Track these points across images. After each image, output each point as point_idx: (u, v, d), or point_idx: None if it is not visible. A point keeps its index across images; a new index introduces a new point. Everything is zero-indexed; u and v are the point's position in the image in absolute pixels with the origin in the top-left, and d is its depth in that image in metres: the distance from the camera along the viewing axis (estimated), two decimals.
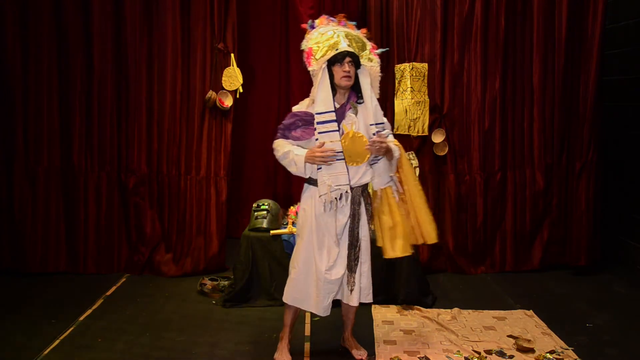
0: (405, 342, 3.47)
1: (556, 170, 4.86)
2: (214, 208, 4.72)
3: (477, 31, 4.70)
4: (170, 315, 3.88)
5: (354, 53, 2.97)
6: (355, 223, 3.05)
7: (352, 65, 2.97)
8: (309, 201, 3.06)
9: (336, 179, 2.95)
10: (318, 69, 2.97)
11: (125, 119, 4.71)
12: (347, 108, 3.02)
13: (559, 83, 4.78)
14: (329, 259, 3.04)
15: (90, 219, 4.70)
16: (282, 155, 3.02)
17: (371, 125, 3.03)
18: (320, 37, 3.01)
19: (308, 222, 3.05)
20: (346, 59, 2.94)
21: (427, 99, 4.65)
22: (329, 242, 3.04)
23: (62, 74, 4.62)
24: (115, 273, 4.71)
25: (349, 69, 2.94)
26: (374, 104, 3.06)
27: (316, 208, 3.03)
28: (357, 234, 3.06)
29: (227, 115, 4.71)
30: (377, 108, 3.09)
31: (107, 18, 4.60)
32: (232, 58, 4.65)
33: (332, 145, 2.93)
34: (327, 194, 2.95)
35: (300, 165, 2.96)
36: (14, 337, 3.48)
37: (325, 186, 2.95)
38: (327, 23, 3.09)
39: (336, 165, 2.94)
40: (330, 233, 3.03)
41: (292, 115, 3.04)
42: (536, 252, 4.88)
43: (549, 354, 3.31)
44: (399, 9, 4.69)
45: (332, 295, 3.08)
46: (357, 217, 3.04)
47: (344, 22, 3.11)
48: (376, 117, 3.06)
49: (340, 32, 3.02)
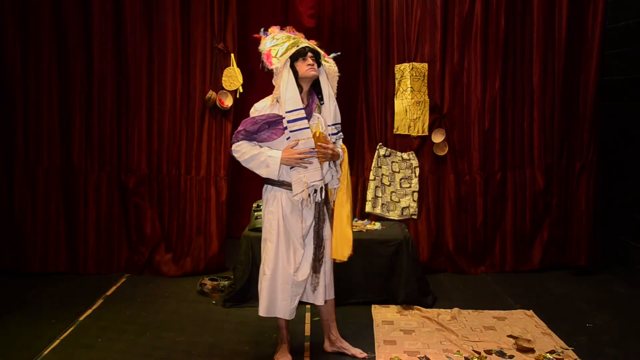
0: (405, 342, 3.47)
1: (556, 170, 4.86)
2: (214, 208, 4.72)
3: (477, 31, 4.70)
4: (170, 315, 3.88)
5: (315, 49, 3.06)
6: (321, 224, 3.07)
7: (314, 60, 3.02)
8: (274, 203, 3.05)
9: (311, 176, 2.96)
10: (281, 67, 3.00)
11: (125, 119, 4.71)
12: (313, 107, 3.06)
13: (559, 83, 4.78)
14: (295, 260, 3.04)
15: (90, 219, 4.70)
16: (249, 158, 3.01)
17: (329, 125, 3.09)
18: (278, 38, 3.08)
19: (275, 225, 3.04)
20: (309, 53, 3.01)
21: (427, 99, 4.66)
22: (294, 244, 3.05)
23: (62, 74, 4.62)
24: (115, 273, 4.71)
25: (312, 63, 3.00)
26: (333, 104, 3.12)
27: (283, 210, 3.02)
28: (322, 235, 3.08)
29: (227, 115, 4.71)
30: (336, 108, 3.15)
31: (107, 18, 4.61)
32: (232, 58, 4.65)
33: (305, 142, 2.94)
34: (304, 191, 2.95)
35: (274, 167, 2.95)
36: (14, 337, 3.48)
37: (301, 184, 2.95)
38: (279, 31, 3.16)
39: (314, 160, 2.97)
40: (296, 235, 3.04)
41: (255, 121, 3.00)
42: (536, 252, 4.88)
43: (549, 354, 3.31)
44: (399, 9, 4.69)
45: (298, 297, 3.09)
46: (322, 218, 3.07)
47: (294, 32, 3.18)
48: (335, 117, 3.13)
49: (295, 36, 3.11)
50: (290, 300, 3.07)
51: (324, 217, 3.09)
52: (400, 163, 4.77)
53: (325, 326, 3.35)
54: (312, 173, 2.97)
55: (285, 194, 3.03)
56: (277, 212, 3.03)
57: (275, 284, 3.06)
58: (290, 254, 3.05)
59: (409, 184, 4.76)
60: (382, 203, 4.79)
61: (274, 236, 3.04)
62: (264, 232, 3.12)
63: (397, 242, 4.08)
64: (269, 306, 3.08)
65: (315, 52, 3.05)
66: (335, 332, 3.34)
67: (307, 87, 3.07)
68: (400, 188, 4.78)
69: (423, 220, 4.80)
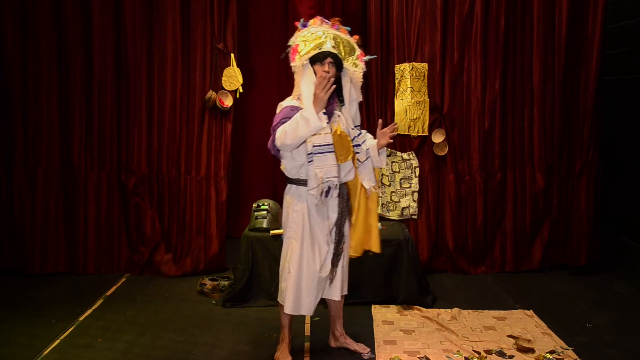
0: (405, 342, 3.47)
1: (556, 170, 4.86)
2: (214, 208, 4.71)
3: (477, 31, 4.70)
4: (170, 315, 3.88)
5: (336, 55, 3.01)
6: (343, 220, 3.10)
7: (332, 66, 2.99)
8: (299, 201, 3.06)
9: (327, 172, 2.97)
10: (299, 65, 3.02)
11: (125, 119, 4.71)
12: (334, 107, 3.06)
13: (559, 83, 4.78)
14: (320, 257, 3.07)
15: (90, 219, 4.70)
16: (289, 129, 2.87)
17: (352, 128, 3.12)
18: (310, 35, 3.04)
19: (300, 224, 3.05)
20: (327, 59, 2.98)
21: (427, 99, 4.66)
22: (319, 241, 3.07)
23: (62, 74, 4.62)
24: (115, 273, 4.71)
25: (328, 69, 2.97)
26: (354, 107, 3.14)
27: (309, 208, 3.05)
28: (343, 231, 3.12)
29: (227, 115, 4.71)
30: (357, 112, 3.18)
31: (107, 18, 4.61)
32: (232, 58, 4.65)
33: (323, 138, 2.94)
34: (319, 187, 2.96)
35: (313, 116, 2.82)
36: (14, 337, 3.48)
37: (317, 179, 2.96)
38: (319, 24, 3.11)
39: (327, 158, 2.96)
40: (322, 232, 3.07)
41: (292, 109, 2.99)
42: (536, 252, 4.88)
43: (549, 354, 3.31)
44: (399, 9, 4.69)
45: (321, 293, 3.13)
46: (344, 214, 3.10)
47: (337, 26, 3.13)
48: (355, 120, 3.16)
49: (330, 34, 3.05)
50: (315, 297, 3.10)
51: (346, 213, 3.12)
52: (400, 163, 4.77)
53: (332, 322, 3.37)
54: (329, 169, 2.97)
55: None
56: (302, 211, 3.05)
57: (300, 282, 3.07)
58: (316, 251, 3.07)
59: (409, 184, 4.77)
60: (382, 203, 4.79)
61: (299, 234, 3.05)
62: (287, 231, 3.12)
63: (397, 242, 4.08)
64: (295, 304, 3.09)
65: (335, 58, 3.00)
66: (340, 328, 3.38)
67: None
68: (400, 188, 4.78)
69: (423, 220, 4.80)
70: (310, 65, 3.01)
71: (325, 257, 3.09)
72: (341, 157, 3.03)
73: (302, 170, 3.04)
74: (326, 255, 3.09)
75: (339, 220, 3.09)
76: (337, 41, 3.05)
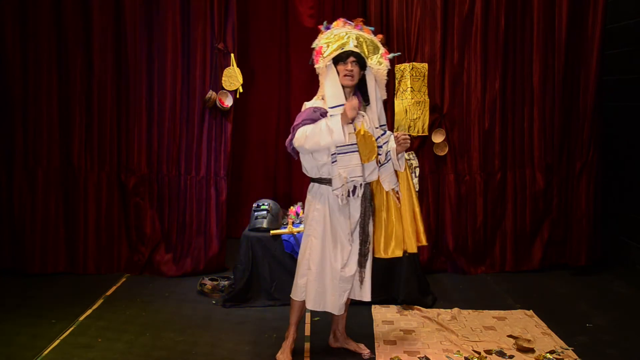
0: (405, 342, 3.47)
1: (556, 170, 4.86)
2: (214, 208, 4.71)
3: (477, 31, 4.70)
4: (170, 315, 3.88)
5: (359, 53, 3.00)
6: (366, 219, 3.09)
7: (355, 65, 3.00)
8: (321, 200, 3.08)
9: (351, 171, 2.98)
10: (323, 67, 3.02)
11: (125, 119, 4.71)
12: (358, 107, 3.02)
13: (559, 83, 4.78)
14: (342, 256, 3.07)
15: (90, 219, 4.70)
16: (311, 133, 2.91)
17: (376, 127, 3.10)
18: (332, 37, 3.05)
19: (322, 222, 3.06)
20: (350, 58, 2.99)
21: (427, 99, 4.65)
22: (342, 240, 3.07)
23: (62, 74, 4.62)
24: (115, 273, 4.71)
25: (351, 68, 2.99)
26: (379, 106, 3.13)
27: (330, 207, 3.05)
28: (367, 230, 3.10)
29: (227, 115, 4.71)
30: (382, 111, 3.16)
31: (107, 18, 4.60)
32: (232, 58, 4.65)
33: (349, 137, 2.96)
34: (343, 186, 2.97)
35: (338, 127, 2.87)
36: (14, 337, 3.48)
37: (341, 179, 2.97)
38: (342, 25, 3.11)
39: (351, 157, 2.97)
40: (344, 231, 3.07)
41: (314, 110, 3.00)
42: (536, 252, 4.88)
43: (549, 354, 3.31)
44: (399, 9, 4.69)
45: (346, 293, 3.12)
46: (367, 214, 3.09)
47: (360, 26, 3.13)
48: (380, 119, 3.14)
49: (353, 34, 3.05)
50: (339, 295, 3.09)
51: (369, 213, 3.10)
52: None
53: (334, 321, 3.37)
54: (353, 169, 2.98)
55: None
56: (323, 209, 3.06)
57: (324, 280, 3.08)
58: (337, 250, 3.07)
59: None
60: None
61: (319, 233, 3.07)
62: (307, 229, 3.14)
63: None
64: (316, 299, 3.10)
65: (358, 57, 3.00)
66: (342, 328, 3.38)
67: (351, 88, 3.06)
68: None
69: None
70: (334, 65, 3.02)
71: (349, 256, 3.08)
72: (365, 157, 3.02)
73: (324, 170, 3.05)
74: (349, 255, 3.09)
75: (362, 220, 3.09)
76: (360, 41, 3.04)
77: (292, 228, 4.09)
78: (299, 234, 4.05)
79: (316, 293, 3.10)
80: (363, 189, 3.06)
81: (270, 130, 5.60)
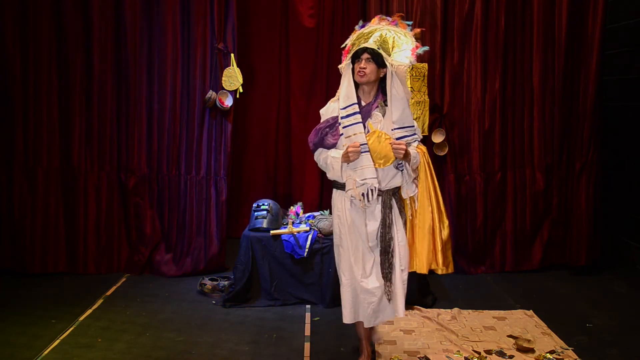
0: (405, 342, 3.47)
1: (556, 170, 4.86)
2: (214, 208, 4.71)
3: (477, 31, 4.70)
4: (170, 315, 3.88)
5: (373, 49, 2.88)
6: (386, 228, 2.92)
7: (370, 62, 2.87)
8: (339, 206, 2.99)
9: (362, 173, 2.85)
10: (345, 66, 2.96)
11: (125, 119, 4.71)
12: (373, 107, 2.93)
13: (559, 83, 4.78)
14: (364, 266, 2.94)
15: (90, 219, 4.70)
16: (322, 163, 2.98)
17: (394, 129, 2.89)
18: (360, 35, 2.99)
19: (345, 229, 2.96)
20: (364, 55, 2.88)
21: (427, 99, 4.65)
22: (363, 249, 2.95)
23: (62, 74, 4.62)
24: (115, 273, 4.71)
25: (364, 65, 2.86)
26: (397, 106, 2.89)
27: (347, 213, 2.95)
28: (388, 240, 2.93)
29: (227, 115, 4.71)
30: (405, 111, 2.91)
31: (107, 18, 4.61)
32: (232, 58, 4.65)
33: (356, 137, 2.86)
34: (354, 189, 2.86)
35: (337, 167, 2.88)
36: (14, 337, 3.48)
37: (351, 181, 2.87)
38: (377, 22, 3.02)
39: (362, 158, 2.84)
40: (363, 240, 2.94)
41: (317, 131, 2.97)
42: (536, 252, 4.88)
43: (549, 354, 3.31)
44: (399, 9, 4.69)
45: (372, 305, 2.94)
46: (387, 222, 2.91)
47: (396, 22, 3.00)
48: (401, 119, 2.90)
49: (380, 30, 2.95)
50: (366, 306, 2.94)
51: (389, 222, 2.92)
52: None
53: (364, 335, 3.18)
54: (363, 170, 2.85)
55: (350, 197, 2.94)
56: (342, 216, 2.97)
57: (356, 292, 2.97)
58: (359, 259, 2.95)
59: None
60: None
61: (344, 241, 2.98)
62: (335, 238, 3.07)
63: None
64: (352, 313, 2.99)
65: (374, 54, 2.87)
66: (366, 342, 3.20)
67: (370, 86, 2.94)
68: None
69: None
70: (352, 64, 2.93)
71: (372, 267, 2.94)
72: (379, 160, 2.87)
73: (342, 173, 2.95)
74: (373, 265, 2.94)
75: (381, 230, 2.92)
76: (386, 37, 2.93)
77: (292, 228, 4.08)
78: (299, 234, 4.05)
79: (352, 305, 2.97)
80: (383, 196, 2.90)
81: (270, 130, 5.60)
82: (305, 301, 4.08)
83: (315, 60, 5.43)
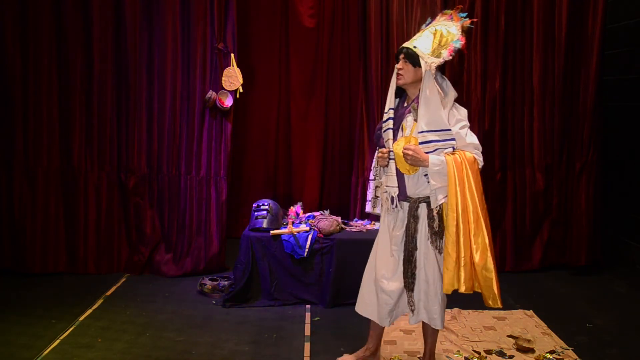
0: (405, 342, 3.47)
1: (556, 170, 4.86)
2: (214, 208, 4.71)
3: (477, 31, 4.70)
4: (170, 315, 3.88)
5: (408, 49, 2.79)
6: (409, 238, 2.84)
7: (406, 62, 2.80)
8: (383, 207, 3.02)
9: (386, 180, 2.90)
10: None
11: (125, 119, 4.71)
12: (407, 111, 2.86)
13: (559, 83, 4.78)
14: (386, 268, 2.93)
15: (90, 219, 4.70)
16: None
17: (421, 132, 2.73)
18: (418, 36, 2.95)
19: (381, 227, 3.03)
20: (400, 55, 2.84)
21: None
22: (385, 251, 2.96)
23: (62, 74, 4.62)
24: (115, 273, 4.71)
25: (400, 66, 2.81)
26: (430, 107, 2.72)
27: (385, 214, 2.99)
28: (411, 249, 2.84)
29: (227, 115, 4.71)
30: (436, 113, 2.72)
31: (107, 18, 4.60)
32: (232, 58, 4.65)
33: (388, 143, 2.89)
34: (382, 195, 2.95)
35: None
36: (14, 337, 3.48)
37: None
38: (440, 18, 2.96)
39: (391, 165, 2.86)
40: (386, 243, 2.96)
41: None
42: (536, 252, 4.88)
43: (549, 354, 3.31)
44: (399, 8, 4.69)
45: (388, 306, 2.93)
46: (410, 231, 2.83)
47: (451, 16, 2.89)
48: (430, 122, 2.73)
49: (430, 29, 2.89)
50: (382, 306, 2.94)
51: (412, 231, 2.82)
52: None
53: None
54: (388, 177, 2.88)
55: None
56: (382, 215, 3.02)
57: (370, 285, 3.01)
58: (383, 259, 2.96)
59: None
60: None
61: (377, 238, 3.04)
62: None
63: None
64: (359, 302, 3.08)
65: (408, 54, 2.78)
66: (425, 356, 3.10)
67: (413, 88, 2.84)
68: None
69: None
70: None
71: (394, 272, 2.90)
72: (406, 167, 2.79)
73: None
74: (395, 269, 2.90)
75: (405, 238, 2.86)
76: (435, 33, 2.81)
77: (292, 228, 4.09)
78: (298, 234, 4.05)
79: (360, 295, 3.05)
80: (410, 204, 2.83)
81: (270, 130, 5.60)
82: (305, 301, 4.08)
83: (315, 60, 5.43)
